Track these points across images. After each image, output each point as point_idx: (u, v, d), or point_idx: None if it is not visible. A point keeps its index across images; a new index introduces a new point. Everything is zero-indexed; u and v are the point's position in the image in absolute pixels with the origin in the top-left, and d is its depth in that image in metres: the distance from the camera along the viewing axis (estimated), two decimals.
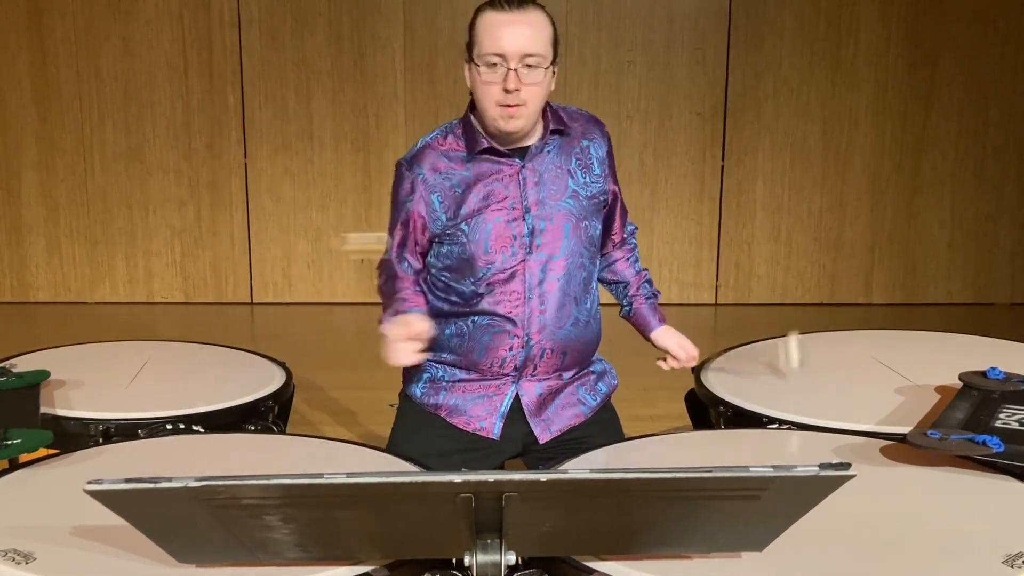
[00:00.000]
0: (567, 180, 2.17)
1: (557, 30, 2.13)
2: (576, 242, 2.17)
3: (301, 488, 1.24)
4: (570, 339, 2.19)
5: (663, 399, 3.30)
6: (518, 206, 2.13)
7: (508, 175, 2.14)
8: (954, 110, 5.62)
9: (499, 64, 2.03)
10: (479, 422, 2.21)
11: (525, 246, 2.13)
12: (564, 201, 2.16)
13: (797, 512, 1.34)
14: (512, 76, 2.02)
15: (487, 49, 2.03)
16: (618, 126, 5.65)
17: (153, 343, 2.93)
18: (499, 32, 2.02)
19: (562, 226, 2.15)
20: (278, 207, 5.75)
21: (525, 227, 2.13)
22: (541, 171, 2.15)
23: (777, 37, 5.56)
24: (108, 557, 1.48)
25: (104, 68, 5.61)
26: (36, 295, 5.86)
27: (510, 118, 2.06)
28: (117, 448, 2.02)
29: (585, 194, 2.19)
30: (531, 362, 2.18)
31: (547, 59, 2.07)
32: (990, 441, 1.76)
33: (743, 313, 5.73)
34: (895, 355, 2.52)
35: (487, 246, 2.13)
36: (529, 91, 2.04)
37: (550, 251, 2.15)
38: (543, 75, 2.07)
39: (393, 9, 5.54)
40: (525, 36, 2.02)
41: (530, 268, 2.14)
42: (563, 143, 2.19)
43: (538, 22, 2.07)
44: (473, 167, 2.14)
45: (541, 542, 1.41)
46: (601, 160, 2.24)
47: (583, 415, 2.24)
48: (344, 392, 4.14)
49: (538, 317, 2.15)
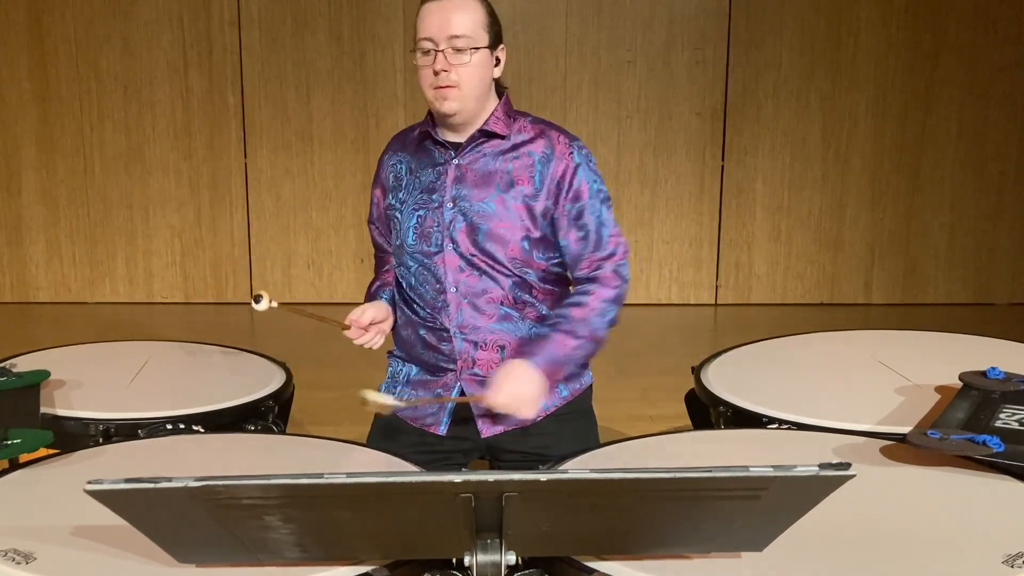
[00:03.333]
0: (496, 184, 2.14)
1: (495, 15, 2.15)
2: (497, 244, 2.13)
3: (301, 488, 1.24)
4: (505, 336, 2.17)
5: (663, 399, 3.30)
6: (439, 199, 2.16)
7: (440, 165, 2.18)
8: (954, 110, 5.62)
9: (431, 49, 2.10)
10: (427, 418, 2.22)
11: (441, 238, 2.15)
12: (486, 203, 2.14)
13: (797, 512, 1.34)
14: (440, 57, 2.08)
15: (419, 35, 2.12)
16: (618, 126, 5.65)
17: (153, 343, 2.93)
18: (429, 19, 2.11)
19: (479, 225, 2.13)
20: (278, 207, 5.75)
21: (444, 219, 2.15)
22: (470, 168, 2.16)
23: (777, 37, 5.56)
24: (108, 557, 1.48)
25: (104, 68, 5.61)
26: (36, 295, 5.86)
27: (444, 100, 2.10)
28: (117, 448, 2.02)
29: (514, 203, 2.13)
30: (465, 356, 2.17)
31: (476, 41, 2.09)
32: (990, 441, 1.76)
33: (743, 313, 5.73)
34: (895, 355, 2.52)
35: (411, 233, 2.19)
36: (460, 72, 2.08)
37: (467, 248, 2.14)
38: (474, 57, 2.09)
39: (393, 9, 5.54)
40: (449, 19, 2.08)
41: (448, 261, 2.15)
42: (503, 148, 2.16)
43: (465, 6, 2.11)
44: (417, 154, 2.22)
45: (541, 542, 1.41)
46: (548, 178, 2.13)
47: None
48: (344, 392, 4.11)
49: (459, 311, 2.16)
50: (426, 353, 2.23)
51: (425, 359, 2.24)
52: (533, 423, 2.16)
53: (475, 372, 2.19)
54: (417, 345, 2.24)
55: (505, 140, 2.16)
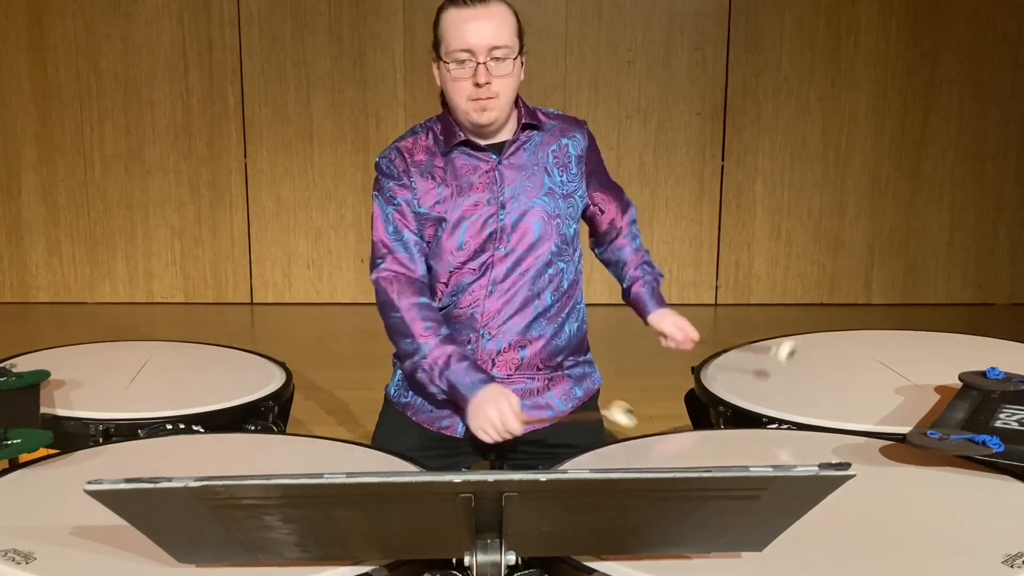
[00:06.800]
0: (543, 177, 2.17)
1: (520, 20, 2.13)
2: (548, 240, 2.17)
3: (301, 488, 1.24)
4: (533, 336, 2.19)
5: (663, 399, 3.30)
6: (494, 202, 2.14)
7: (484, 171, 2.15)
8: (954, 110, 5.62)
9: (468, 60, 2.04)
10: (443, 420, 2.21)
11: (495, 242, 2.14)
12: (539, 198, 2.16)
13: (797, 512, 1.34)
14: (482, 70, 2.04)
15: (454, 46, 2.05)
16: (618, 126, 5.65)
17: (153, 343, 2.93)
18: (464, 28, 2.04)
19: (534, 223, 2.15)
20: (278, 207, 5.75)
21: (499, 223, 2.14)
22: (518, 166, 2.16)
23: (777, 37, 5.56)
24: (108, 557, 1.48)
25: (104, 68, 5.61)
26: (36, 295, 5.86)
27: (483, 111, 2.08)
28: (117, 448, 2.02)
29: (561, 192, 2.19)
30: (488, 357, 2.18)
31: (514, 50, 2.08)
32: (990, 441, 1.76)
33: (743, 313, 5.73)
34: (895, 355, 2.52)
35: (460, 241, 2.14)
36: (500, 83, 2.06)
37: (520, 248, 2.15)
38: (512, 66, 2.08)
39: (393, 9, 5.54)
40: (490, 29, 2.04)
41: (497, 263, 2.15)
42: (540, 139, 2.19)
43: (501, 14, 2.07)
44: (450, 162, 2.16)
45: (541, 542, 1.41)
46: (579, 158, 2.23)
47: (548, 419, 2.21)
48: (344, 392, 4.14)
49: (498, 312, 2.16)
50: None
51: None
52: (547, 425, 2.19)
53: (494, 371, 2.19)
54: None
55: (538, 131, 2.19)
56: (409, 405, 2.27)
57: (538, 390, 2.23)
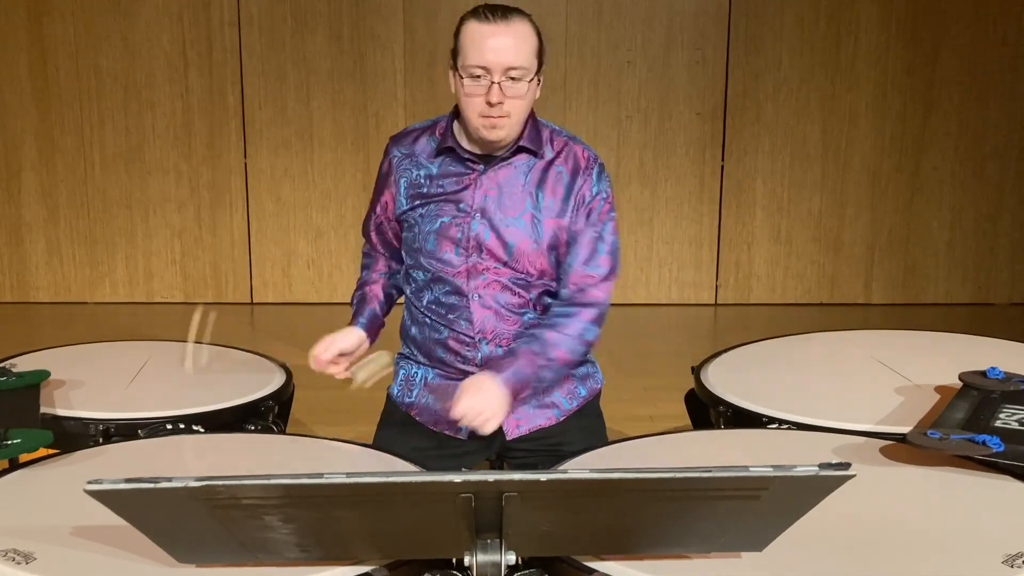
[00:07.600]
0: (527, 200, 2.13)
1: (542, 38, 2.08)
2: (522, 260, 2.13)
3: (301, 488, 1.24)
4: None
5: (663, 399, 3.31)
6: (468, 210, 2.12)
7: (469, 178, 2.14)
8: (954, 110, 5.62)
9: (483, 76, 2.00)
10: (445, 421, 2.19)
11: (467, 249, 2.13)
12: (517, 219, 2.12)
13: (797, 512, 1.35)
14: (495, 90, 2.00)
15: (471, 61, 2.01)
16: (618, 126, 5.65)
17: (153, 343, 2.93)
18: (483, 44, 2.00)
19: (508, 242, 2.12)
20: (278, 207, 5.75)
21: (471, 231, 2.12)
22: (501, 183, 2.13)
23: (777, 37, 5.56)
24: (108, 557, 1.48)
25: (104, 68, 5.61)
26: (36, 295, 5.86)
27: (493, 128, 2.04)
28: (117, 448, 2.02)
29: (542, 218, 2.13)
30: (487, 360, 2.17)
31: (531, 71, 2.04)
32: (990, 441, 1.76)
33: (743, 313, 5.73)
34: (895, 355, 2.52)
35: (433, 242, 2.15)
36: (512, 104, 2.02)
37: (493, 260, 2.13)
38: (526, 87, 2.04)
39: (393, 9, 5.54)
40: (509, 49, 1.99)
41: (471, 271, 2.14)
42: (535, 164, 2.14)
43: (522, 33, 2.02)
44: (441, 163, 2.16)
45: (541, 542, 1.41)
46: (579, 196, 2.14)
47: (555, 418, 2.23)
48: (344, 392, 4.12)
49: (483, 319, 2.15)
50: (447, 356, 2.21)
51: (447, 362, 2.22)
52: (553, 424, 2.19)
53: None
54: (436, 349, 2.22)
55: (536, 156, 2.14)
56: (412, 406, 2.27)
57: (544, 389, 2.22)
